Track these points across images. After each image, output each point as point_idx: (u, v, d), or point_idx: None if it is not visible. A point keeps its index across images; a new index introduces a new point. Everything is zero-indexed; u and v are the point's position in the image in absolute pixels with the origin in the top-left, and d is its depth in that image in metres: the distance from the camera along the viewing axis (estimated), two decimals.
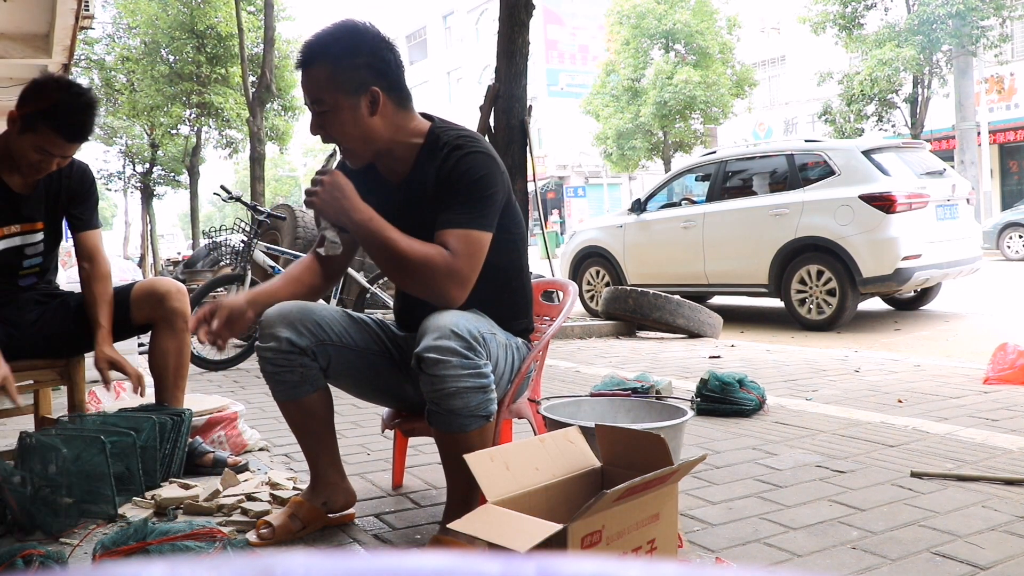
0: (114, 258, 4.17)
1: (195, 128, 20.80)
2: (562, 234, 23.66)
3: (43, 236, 2.44)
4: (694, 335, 6.03)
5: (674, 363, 4.73)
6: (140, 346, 4.33)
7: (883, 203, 6.21)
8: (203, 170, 23.64)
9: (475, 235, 1.71)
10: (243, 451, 2.65)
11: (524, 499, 1.39)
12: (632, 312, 6.27)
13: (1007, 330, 5.77)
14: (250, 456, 2.60)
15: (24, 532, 1.86)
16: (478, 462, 1.39)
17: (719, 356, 4.89)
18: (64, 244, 2.78)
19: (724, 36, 22.11)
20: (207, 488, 2.08)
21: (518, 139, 6.19)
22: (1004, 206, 20.23)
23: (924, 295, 7.36)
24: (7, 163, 2.30)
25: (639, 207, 7.92)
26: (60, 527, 1.85)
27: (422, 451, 2.64)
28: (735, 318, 7.43)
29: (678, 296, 6.33)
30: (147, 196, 25.30)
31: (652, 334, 6.33)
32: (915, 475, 2.27)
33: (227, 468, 2.29)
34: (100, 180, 23.81)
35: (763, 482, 2.28)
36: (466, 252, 1.70)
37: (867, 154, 6.53)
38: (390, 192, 1.84)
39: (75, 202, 2.47)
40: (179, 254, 21.11)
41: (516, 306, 1.95)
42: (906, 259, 6.18)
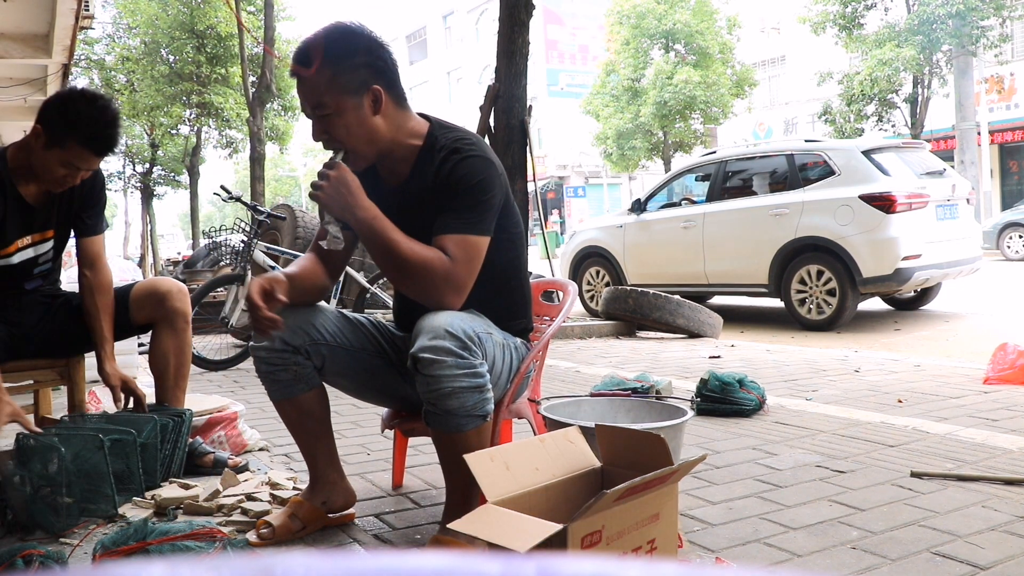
0: (114, 258, 4.17)
1: (195, 128, 20.81)
2: (562, 234, 23.65)
3: (53, 243, 2.42)
4: (694, 335, 6.03)
5: (674, 363, 4.73)
6: (140, 346, 4.33)
7: (883, 203, 6.21)
8: (203, 170, 23.65)
9: (473, 240, 1.71)
10: (243, 451, 2.65)
11: (524, 499, 1.39)
12: (632, 312, 6.27)
13: (1007, 330, 5.77)
14: (250, 456, 2.60)
15: (25, 531, 1.86)
16: (478, 462, 1.39)
17: (719, 356, 4.89)
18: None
19: (724, 36, 22.12)
20: (207, 488, 2.08)
21: (518, 139, 6.19)
22: (1004, 206, 20.23)
23: (924, 295, 7.36)
24: (23, 174, 2.25)
25: (639, 207, 7.92)
26: (61, 526, 1.85)
27: (422, 451, 2.64)
28: (735, 318, 7.42)
29: (678, 296, 6.33)
30: (147, 196, 25.31)
31: (652, 334, 6.33)
32: (915, 475, 2.27)
33: (227, 468, 2.29)
34: None
35: (763, 482, 2.28)
36: (464, 258, 1.69)
37: (867, 154, 6.53)
38: (389, 195, 1.84)
39: (85, 206, 2.42)
40: (179, 254, 21.12)
41: (514, 305, 1.94)
42: (906, 259, 6.18)
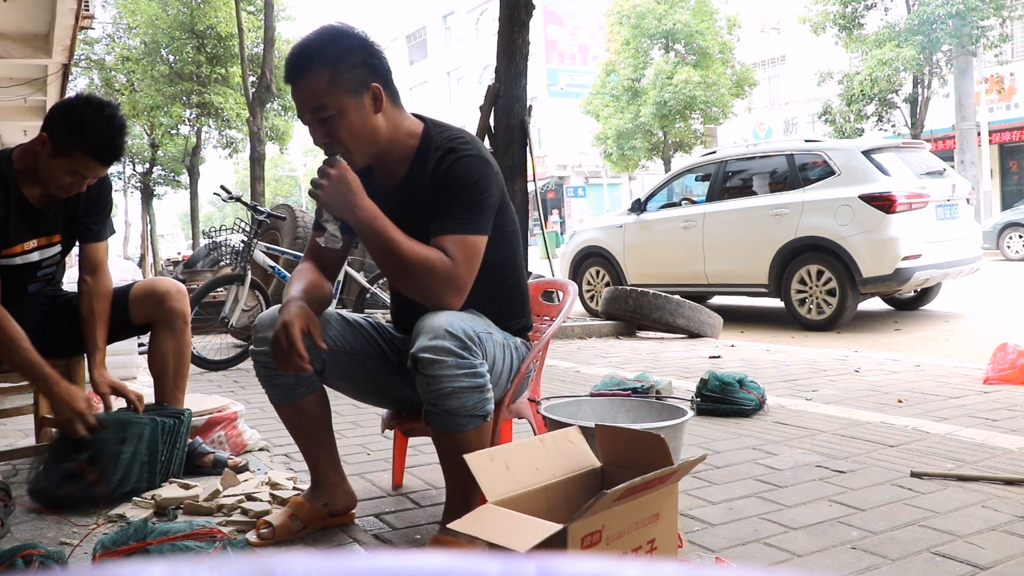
0: (114, 258, 4.16)
1: (195, 128, 20.82)
2: (562, 234, 23.65)
3: (60, 247, 2.41)
4: (694, 335, 6.03)
5: (674, 363, 4.72)
6: (140, 346, 4.32)
7: (883, 203, 6.21)
8: (203, 170, 23.65)
9: (472, 240, 1.71)
10: (243, 451, 2.65)
11: (524, 499, 1.39)
12: (632, 312, 6.27)
13: (1007, 330, 5.77)
14: (250, 456, 2.60)
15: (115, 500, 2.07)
16: (478, 462, 1.39)
17: (719, 356, 4.89)
18: None
19: (724, 36, 22.12)
20: (207, 488, 2.08)
21: (518, 139, 6.19)
22: (1004, 206, 20.23)
23: (924, 295, 7.36)
24: (29, 177, 2.24)
25: (639, 207, 7.92)
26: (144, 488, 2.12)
27: (422, 451, 2.64)
28: (735, 318, 7.42)
29: (678, 296, 6.33)
30: (147, 196, 25.31)
31: (652, 334, 6.32)
32: (915, 475, 2.27)
33: (227, 468, 2.29)
34: None
35: (763, 482, 2.28)
36: (465, 258, 1.69)
37: (867, 154, 6.53)
38: (386, 195, 1.84)
39: (90, 212, 2.40)
40: (179, 254, 21.14)
41: (513, 304, 1.94)
42: (906, 259, 6.18)
